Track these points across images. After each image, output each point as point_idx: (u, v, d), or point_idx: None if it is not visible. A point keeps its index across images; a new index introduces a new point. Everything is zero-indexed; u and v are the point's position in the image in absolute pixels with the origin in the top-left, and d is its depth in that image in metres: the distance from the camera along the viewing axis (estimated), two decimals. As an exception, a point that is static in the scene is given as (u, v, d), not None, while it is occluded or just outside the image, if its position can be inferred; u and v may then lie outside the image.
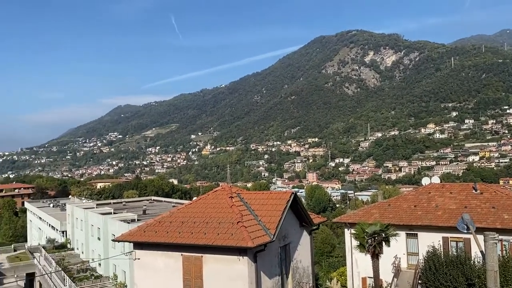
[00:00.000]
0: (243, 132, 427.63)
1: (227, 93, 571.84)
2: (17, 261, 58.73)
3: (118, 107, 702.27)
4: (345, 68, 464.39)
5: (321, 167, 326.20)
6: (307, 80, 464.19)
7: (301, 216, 23.23)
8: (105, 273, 44.39)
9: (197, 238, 19.08)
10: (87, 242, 51.90)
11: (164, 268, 20.29)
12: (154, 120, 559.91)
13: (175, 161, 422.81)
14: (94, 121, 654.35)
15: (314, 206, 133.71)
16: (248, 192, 23.92)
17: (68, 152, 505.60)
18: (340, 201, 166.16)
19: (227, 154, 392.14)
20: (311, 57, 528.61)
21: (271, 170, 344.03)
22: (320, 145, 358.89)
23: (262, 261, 18.88)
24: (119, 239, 22.62)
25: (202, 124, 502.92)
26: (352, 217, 29.19)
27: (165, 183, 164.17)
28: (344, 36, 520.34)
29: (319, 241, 66.52)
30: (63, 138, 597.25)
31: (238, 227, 18.63)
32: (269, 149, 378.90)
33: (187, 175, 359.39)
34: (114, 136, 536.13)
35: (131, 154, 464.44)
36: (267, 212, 20.26)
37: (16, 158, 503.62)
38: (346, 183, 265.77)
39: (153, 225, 21.30)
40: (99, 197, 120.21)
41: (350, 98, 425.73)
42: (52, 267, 47.44)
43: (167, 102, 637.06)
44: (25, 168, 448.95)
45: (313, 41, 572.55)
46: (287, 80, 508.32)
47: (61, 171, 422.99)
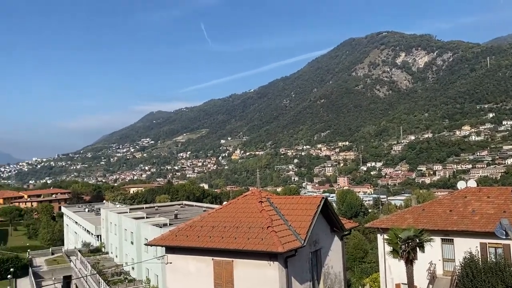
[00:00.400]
0: (272, 136, 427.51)
1: (256, 97, 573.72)
2: (54, 264, 60.59)
3: (150, 114, 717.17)
4: (376, 70, 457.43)
5: (352, 171, 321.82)
6: (337, 83, 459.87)
7: (332, 221, 22.94)
8: (138, 277, 45.18)
9: (228, 242, 19.13)
10: (121, 246, 52.98)
11: (195, 272, 20.45)
12: (185, 126, 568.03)
13: (206, 166, 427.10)
14: (127, 128, 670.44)
15: (346, 211, 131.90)
16: (277, 197, 23.82)
17: (102, 158, 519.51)
18: (373, 206, 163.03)
19: (257, 158, 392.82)
20: (341, 59, 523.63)
21: (301, 175, 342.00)
22: (351, 149, 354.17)
23: (293, 266, 18.73)
24: (151, 243, 22.97)
25: (232, 129, 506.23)
26: (385, 222, 28.61)
27: (196, 188, 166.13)
28: (374, 38, 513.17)
29: (351, 247, 65.49)
30: (98, 145, 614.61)
31: (268, 232, 18.56)
32: (298, 153, 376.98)
33: (217, 179, 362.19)
34: (147, 142, 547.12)
35: (163, 159, 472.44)
36: (297, 217, 20.11)
37: (53, 164, 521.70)
38: (379, 187, 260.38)
39: (185, 230, 21.52)
40: (132, 202, 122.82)
41: (382, 100, 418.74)
42: (88, 270, 48.72)
43: (197, 108, 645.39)
44: (61, 174, 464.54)
45: (342, 44, 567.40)
46: (316, 83, 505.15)
47: (95, 176, 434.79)
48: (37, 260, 63.72)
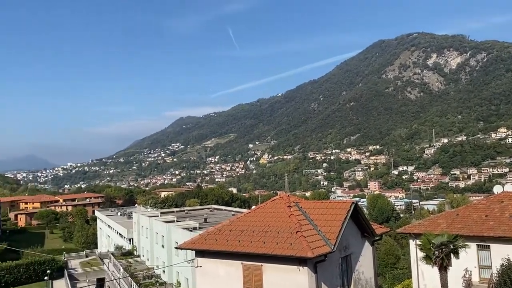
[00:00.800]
0: (300, 140, 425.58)
1: (283, 101, 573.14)
2: (88, 266, 62.11)
3: (180, 119, 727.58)
4: (407, 72, 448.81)
5: (383, 175, 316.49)
6: (367, 86, 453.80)
7: (362, 226, 22.62)
8: (169, 280, 45.79)
9: (257, 247, 19.16)
10: (152, 249, 53.87)
11: (225, 276, 20.56)
12: (213, 131, 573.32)
13: (234, 170, 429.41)
14: (158, 133, 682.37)
15: (377, 216, 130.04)
16: (306, 202, 23.69)
17: (134, 162, 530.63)
18: (404, 210, 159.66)
19: (285, 163, 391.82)
20: (370, 62, 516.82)
21: (330, 179, 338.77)
22: (382, 153, 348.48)
23: (323, 271, 18.57)
24: (181, 247, 23.25)
25: (260, 133, 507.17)
26: (417, 227, 27.98)
27: (225, 192, 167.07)
28: (404, 39, 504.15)
29: (382, 252, 64.30)
30: (130, 150, 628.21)
31: (297, 237, 18.48)
32: (327, 158, 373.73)
33: (246, 184, 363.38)
34: (177, 147, 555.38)
35: (192, 163, 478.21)
36: (327, 222, 19.95)
37: (87, 169, 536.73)
38: (411, 191, 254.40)
39: (214, 233, 21.69)
40: (163, 206, 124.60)
41: (413, 103, 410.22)
42: (120, 273, 49.78)
43: (225, 113, 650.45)
44: (95, 178, 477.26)
45: (372, 46, 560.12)
46: (345, 86, 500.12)
47: (127, 181, 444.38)
48: (72, 263, 65.47)
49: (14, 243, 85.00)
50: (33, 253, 65.93)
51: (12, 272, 50.60)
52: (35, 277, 52.24)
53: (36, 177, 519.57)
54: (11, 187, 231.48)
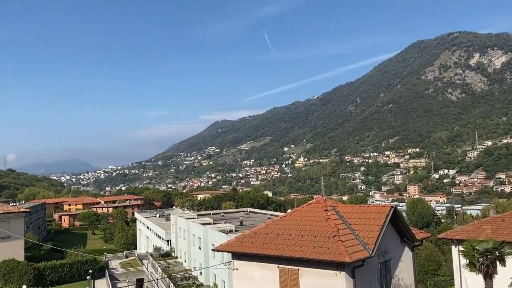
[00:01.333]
0: (337, 143, 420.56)
1: (319, 104, 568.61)
2: (128, 267, 63.66)
3: (216, 123, 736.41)
4: (447, 72, 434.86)
5: (423, 179, 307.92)
6: (405, 87, 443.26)
7: (402, 231, 22.04)
8: (205, 282, 46.25)
9: (293, 250, 19.05)
10: (189, 251, 54.62)
11: (261, 279, 20.55)
12: (249, 134, 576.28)
13: (269, 174, 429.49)
14: (195, 136, 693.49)
15: (417, 220, 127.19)
16: (343, 206, 23.35)
17: (172, 165, 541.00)
18: (446, 215, 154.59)
19: (321, 166, 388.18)
20: (409, 63, 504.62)
21: (368, 183, 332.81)
22: (422, 156, 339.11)
23: (361, 277, 18.23)
24: (218, 249, 23.44)
25: (295, 136, 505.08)
26: (460, 233, 27.02)
27: (260, 195, 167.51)
28: (445, 39, 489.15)
29: (423, 258, 62.50)
30: (168, 153, 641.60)
31: (334, 241, 18.24)
32: (365, 161, 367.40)
33: (281, 187, 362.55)
34: (212, 150, 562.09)
35: (228, 167, 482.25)
36: (365, 227, 19.59)
37: (127, 172, 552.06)
38: (452, 196, 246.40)
39: (250, 236, 21.74)
40: (199, 208, 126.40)
41: (454, 104, 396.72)
42: (159, 274, 50.77)
43: (260, 116, 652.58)
44: (134, 181, 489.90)
45: (410, 46, 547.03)
46: (383, 88, 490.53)
47: (165, 183, 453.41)
48: (113, 263, 67.35)
49: (58, 243, 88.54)
50: (76, 253, 68.30)
51: (56, 271, 52.57)
52: (78, 276, 54.04)
53: (79, 179, 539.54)
54: (55, 189, 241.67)
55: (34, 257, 62.43)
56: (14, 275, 44.50)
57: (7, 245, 48.84)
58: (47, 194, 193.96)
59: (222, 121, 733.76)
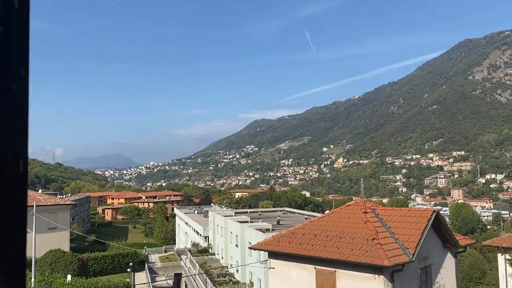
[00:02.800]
0: (378, 144, 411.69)
1: (360, 104, 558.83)
2: (167, 261, 65.11)
3: (255, 121, 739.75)
4: (497, 73, 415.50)
5: (468, 183, 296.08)
6: (451, 88, 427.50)
7: (444, 237, 21.31)
8: (242, 280, 46.58)
9: (330, 252, 18.84)
10: (226, 248, 55.20)
11: (297, 279, 20.47)
12: (287, 133, 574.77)
13: (307, 174, 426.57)
14: (233, 135, 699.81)
15: (460, 226, 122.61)
16: (383, 208, 22.86)
17: (211, 163, 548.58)
18: (492, 222, 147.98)
19: (361, 167, 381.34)
20: (456, 62, 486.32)
21: (410, 186, 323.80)
22: (467, 159, 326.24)
23: (400, 281, 17.78)
24: (255, 247, 23.54)
25: (334, 136, 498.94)
26: (507, 240, 25.79)
27: (298, 195, 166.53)
28: (494, 38, 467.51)
29: (466, 265, 60.15)
30: (207, 151, 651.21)
31: (373, 244, 17.89)
32: (407, 163, 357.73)
33: (319, 187, 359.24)
34: (251, 149, 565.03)
35: (266, 165, 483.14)
36: (405, 231, 19.08)
37: (168, 168, 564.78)
38: (500, 202, 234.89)
39: (287, 236, 21.70)
40: (237, 206, 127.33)
41: (504, 106, 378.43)
42: (196, 269, 51.63)
43: (299, 116, 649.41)
44: (174, 177, 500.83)
45: (457, 45, 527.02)
46: (427, 88, 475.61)
47: (204, 180, 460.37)
48: (152, 257, 69.12)
49: (101, 236, 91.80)
50: (117, 245, 70.61)
51: (99, 262, 54.58)
52: (119, 268, 55.84)
53: (121, 174, 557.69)
54: (99, 184, 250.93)
55: (79, 248, 65.09)
56: (60, 264, 46.59)
57: (54, 235, 51.26)
58: (91, 187, 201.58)
59: (261, 120, 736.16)
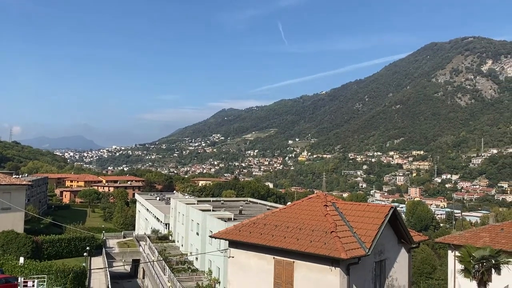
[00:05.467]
0: (341, 140, 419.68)
1: (327, 100, 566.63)
2: (125, 247, 64.28)
3: (222, 110, 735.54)
4: (459, 77, 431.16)
5: (425, 182, 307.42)
6: (415, 89, 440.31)
7: (400, 233, 22.03)
8: (201, 268, 46.62)
9: (290, 243, 19.12)
10: (187, 236, 54.99)
11: (256, 269, 20.67)
12: (254, 124, 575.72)
13: (272, 165, 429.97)
14: (200, 123, 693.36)
15: (415, 223, 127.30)
16: (343, 202, 23.35)
17: (176, 150, 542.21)
18: (445, 220, 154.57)
19: (324, 161, 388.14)
20: (421, 64, 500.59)
21: (370, 182, 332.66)
22: (426, 159, 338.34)
23: (355, 274, 18.28)
24: (216, 236, 23.56)
25: (300, 130, 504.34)
26: (457, 238, 26.99)
27: (261, 186, 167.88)
28: (459, 43, 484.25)
29: (419, 261, 62.65)
30: (172, 137, 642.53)
31: (331, 237, 18.28)
32: (368, 160, 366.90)
33: (283, 179, 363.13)
34: (217, 138, 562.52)
35: (231, 155, 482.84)
36: (363, 225, 19.59)
37: (130, 153, 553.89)
38: (453, 201, 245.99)
39: (248, 226, 21.83)
40: (200, 194, 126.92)
41: (463, 109, 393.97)
42: (155, 256, 51.21)
43: (267, 107, 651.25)
44: (137, 163, 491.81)
45: (423, 48, 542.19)
46: (392, 88, 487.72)
47: (168, 167, 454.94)
48: (110, 242, 68.03)
49: (58, 218, 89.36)
50: (75, 229, 68.96)
51: (55, 246, 53.20)
52: (75, 252, 54.66)
53: (82, 157, 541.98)
54: (58, 165, 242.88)
55: (34, 230, 63.08)
56: (13, 246, 45.03)
57: (8, 216, 49.37)
58: (50, 169, 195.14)
59: (229, 110, 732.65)
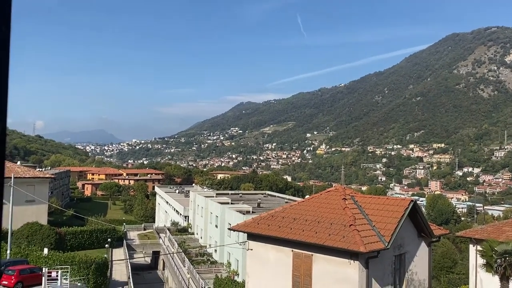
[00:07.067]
0: (360, 133, 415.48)
1: (346, 92, 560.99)
2: (145, 239, 65.23)
3: (240, 104, 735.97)
4: (481, 68, 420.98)
5: (446, 175, 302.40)
6: (436, 81, 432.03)
7: (420, 226, 21.83)
8: (220, 260, 47.07)
9: (308, 236, 19.15)
10: (206, 228, 55.53)
11: (274, 262, 20.79)
12: (272, 118, 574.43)
13: (290, 159, 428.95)
14: (218, 116, 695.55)
15: (436, 217, 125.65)
16: (362, 196, 23.24)
17: (194, 143, 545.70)
18: (466, 214, 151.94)
19: (342, 155, 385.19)
20: (442, 56, 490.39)
21: (389, 175, 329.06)
22: (447, 152, 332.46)
23: (374, 267, 18.23)
24: (234, 228, 23.76)
25: (319, 123, 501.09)
26: (479, 232, 26.56)
27: (279, 179, 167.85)
28: (481, 33, 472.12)
29: (439, 255, 61.87)
30: (191, 131, 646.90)
31: (350, 230, 18.24)
32: (388, 153, 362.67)
33: (301, 173, 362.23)
34: (235, 131, 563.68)
35: (249, 149, 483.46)
36: (382, 218, 19.48)
37: (150, 146, 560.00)
38: (475, 195, 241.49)
39: (267, 219, 21.93)
40: (218, 187, 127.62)
41: (485, 101, 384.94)
42: (175, 248, 51.88)
43: (285, 100, 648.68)
44: (157, 156, 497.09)
45: (444, 39, 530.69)
46: (412, 80, 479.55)
47: (187, 160, 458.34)
48: (131, 234, 69.11)
49: (80, 211, 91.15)
50: (96, 221, 70.35)
51: (77, 237, 54.36)
52: (97, 243, 55.73)
53: (103, 150, 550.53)
54: (80, 158, 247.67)
55: (57, 222, 64.59)
56: (37, 237, 46.23)
57: (32, 208, 50.72)
58: (72, 162, 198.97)
59: (246, 103, 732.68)
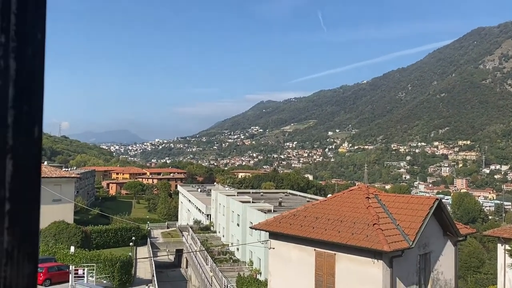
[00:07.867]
0: (383, 130, 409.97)
1: (368, 89, 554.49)
2: (169, 237, 65.96)
3: (261, 103, 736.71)
4: (509, 63, 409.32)
5: (472, 173, 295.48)
6: (461, 76, 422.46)
7: (445, 225, 21.37)
8: (242, 258, 47.20)
9: (331, 235, 18.99)
10: (228, 227, 55.80)
11: (297, 261, 20.70)
12: (293, 116, 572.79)
13: (311, 157, 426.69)
14: (239, 115, 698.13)
15: (462, 215, 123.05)
16: (386, 194, 22.90)
17: (215, 142, 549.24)
18: (494, 212, 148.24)
19: (365, 153, 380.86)
20: (467, 51, 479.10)
21: (413, 173, 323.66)
22: (473, 149, 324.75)
23: (399, 267, 17.94)
24: (256, 227, 23.78)
25: (340, 121, 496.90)
26: (508, 231, 25.85)
27: (301, 178, 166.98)
28: (508, 27, 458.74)
29: (465, 254, 60.54)
30: (212, 130, 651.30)
31: (374, 229, 18.00)
32: (412, 150, 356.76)
33: (323, 171, 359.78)
34: (256, 130, 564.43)
35: (270, 147, 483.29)
36: (407, 217, 19.16)
37: (173, 146, 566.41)
38: (503, 193, 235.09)
39: (288, 217, 21.86)
40: (240, 186, 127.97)
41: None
42: (197, 246, 52.31)
43: (306, 99, 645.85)
44: (179, 155, 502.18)
45: (469, 34, 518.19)
46: (436, 76, 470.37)
47: (208, 159, 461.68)
48: (155, 232, 70.02)
49: (105, 209, 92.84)
50: (121, 220, 71.56)
51: (102, 236, 55.44)
52: (121, 242, 56.71)
53: (127, 150, 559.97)
54: (105, 158, 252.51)
55: (82, 221, 66.05)
56: (64, 235, 47.35)
57: (58, 207, 51.92)
58: (97, 162, 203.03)
59: (267, 102, 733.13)
